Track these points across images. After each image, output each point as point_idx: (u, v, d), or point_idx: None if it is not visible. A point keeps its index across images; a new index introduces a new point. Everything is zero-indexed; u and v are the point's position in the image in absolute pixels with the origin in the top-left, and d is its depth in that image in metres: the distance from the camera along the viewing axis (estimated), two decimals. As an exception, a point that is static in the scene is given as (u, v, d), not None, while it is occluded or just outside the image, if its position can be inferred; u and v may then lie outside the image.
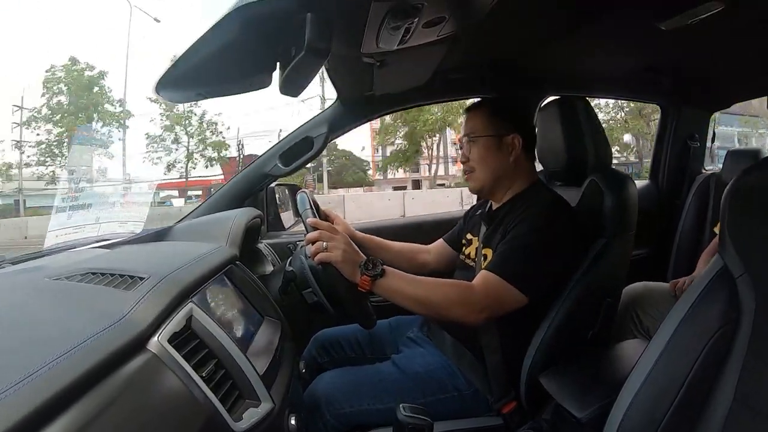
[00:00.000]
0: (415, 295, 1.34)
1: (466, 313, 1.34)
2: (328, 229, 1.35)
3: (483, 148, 1.55)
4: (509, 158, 1.54)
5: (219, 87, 1.24)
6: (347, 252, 1.32)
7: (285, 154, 2.00)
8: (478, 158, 1.56)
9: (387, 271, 1.33)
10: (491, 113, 1.57)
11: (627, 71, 2.13)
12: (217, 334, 0.93)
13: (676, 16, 1.40)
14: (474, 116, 1.59)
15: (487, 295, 1.35)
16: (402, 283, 1.35)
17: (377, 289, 1.32)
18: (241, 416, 0.88)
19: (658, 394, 0.89)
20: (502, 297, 1.35)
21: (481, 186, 1.59)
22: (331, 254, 1.31)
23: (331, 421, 1.40)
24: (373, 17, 1.07)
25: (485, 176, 1.56)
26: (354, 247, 1.35)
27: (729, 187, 0.88)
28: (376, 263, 1.33)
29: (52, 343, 0.64)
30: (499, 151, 1.54)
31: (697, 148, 2.56)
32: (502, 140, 1.54)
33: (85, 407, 0.59)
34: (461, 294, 1.36)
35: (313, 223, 1.38)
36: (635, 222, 1.57)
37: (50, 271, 1.02)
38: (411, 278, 1.37)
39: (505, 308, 1.36)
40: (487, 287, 1.36)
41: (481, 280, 1.37)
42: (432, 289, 1.36)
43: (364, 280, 1.31)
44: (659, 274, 2.32)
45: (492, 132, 1.54)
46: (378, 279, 1.32)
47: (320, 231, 1.34)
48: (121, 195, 1.81)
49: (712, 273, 0.90)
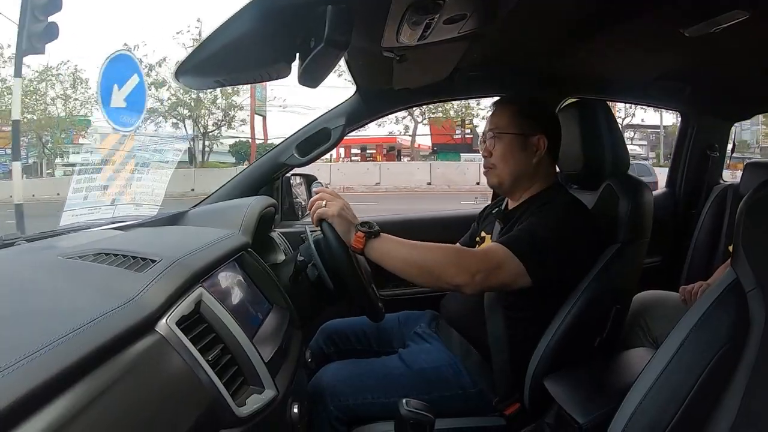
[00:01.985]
0: (407, 256, 1.33)
1: (458, 272, 1.30)
2: (330, 192, 1.37)
3: (507, 146, 1.53)
4: (532, 159, 1.53)
5: (237, 75, 1.25)
6: (344, 210, 1.32)
7: (302, 145, 2.01)
8: (501, 155, 1.53)
9: (381, 234, 1.33)
10: (519, 111, 1.54)
11: (648, 76, 2.11)
12: (225, 319, 0.94)
13: (701, 23, 1.38)
14: (502, 112, 1.57)
15: (485, 259, 1.33)
16: (395, 245, 1.34)
17: (370, 250, 1.32)
18: (244, 402, 0.89)
19: (662, 404, 0.88)
20: (502, 264, 1.32)
21: (500, 183, 1.57)
22: (328, 209, 1.31)
23: (334, 411, 1.41)
24: (393, 11, 1.07)
25: (505, 174, 1.54)
26: (352, 211, 1.35)
27: (745, 199, 0.88)
28: (372, 224, 1.33)
29: (62, 320, 0.65)
30: (523, 151, 1.52)
31: (716, 158, 2.53)
32: (527, 140, 1.52)
33: (90, 385, 0.60)
34: (456, 255, 1.35)
35: (319, 190, 1.39)
36: (650, 229, 1.56)
37: (64, 250, 1.04)
38: (405, 241, 1.35)
39: (502, 278, 1.33)
40: (486, 252, 1.35)
41: (483, 246, 1.36)
42: (426, 251, 1.34)
43: (358, 237, 1.30)
44: (671, 283, 2.30)
45: (518, 130, 1.52)
46: (372, 238, 1.31)
47: (322, 193, 1.36)
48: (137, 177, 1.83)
49: (723, 285, 0.89)
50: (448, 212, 2.47)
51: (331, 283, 1.37)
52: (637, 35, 1.55)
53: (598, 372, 1.43)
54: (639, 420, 0.90)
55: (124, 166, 1.83)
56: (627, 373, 1.40)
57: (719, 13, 1.32)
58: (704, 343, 0.87)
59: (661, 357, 0.91)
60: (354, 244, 1.31)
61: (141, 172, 1.78)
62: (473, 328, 1.49)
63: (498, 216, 1.62)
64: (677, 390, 0.87)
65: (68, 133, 24.09)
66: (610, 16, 1.41)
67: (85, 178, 1.55)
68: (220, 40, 1.00)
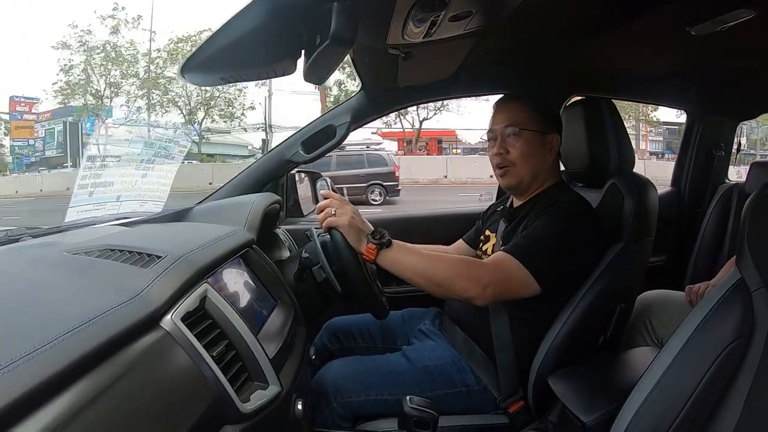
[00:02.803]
0: (419, 267, 1.33)
1: (470, 286, 1.30)
2: (338, 199, 1.36)
3: (527, 143, 1.50)
4: (549, 158, 1.52)
5: (243, 72, 1.25)
6: (354, 219, 1.32)
7: (307, 142, 2.01)
8: (521, 153, 1.50)
9: (393, 242, 1.33)
10: (536, 109, 1.53)
11: (654, 75, 2.10)
12: (229, 315, 0.94)
13: (707, 21, 1.37)
14: (517, 107, 1.54)
15: (496, 270, 1.32)
16: (407, 255, 1.34)
17: (382, 259, 1.32)
18: (248, 398, 0.89)
19: (666, 403, 0.88)
20: (512, 275, 1.32)
21: (519, 183, 1.54)
22: (339, 219, 1.31)
23: (338, 408, 1.41)
24: (399, 9, 1.07)
25: (525, 173, 1.52)
26: (362, 218, 1.35)
27: (750, 199, 0.87)
28: (383, 233, 1.32)
29: (67, 316, 0.65)
30: (542, 149, 1.52)
31: (722, 158, 2.52)
32: (545, 137, 1.52)
33: (95, 381, 0.60)
34: (467, 267, 1.34)
35: (326, 194, 1.38)
36: (654, 228, 1.55)
37: (69, 246, 1.04)
38: (417, 251, 1.36)
39: (512, 288, 1.33)
40: (497, 263, 1.34)
41: (492, 257, 1.36)
42: (437, 262, 1.34)
43: (370, 249, 1.30)
44: (676, 282, 2.30)
45: (537, 127, 1.50)
46: (383, 249, 1.31)
47: (330, 199, 1.35)
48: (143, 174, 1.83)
49: (728, 285, 0.89)
50: (451, 210, 2.47)
51: (339, 287, 1.37)
52: (643, 33, 1.55)
53: (602, 371, 1.43)
54: (642, 419, 0.90)
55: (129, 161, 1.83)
56: (631, 372, 1.40)
57: (725, 12, 1.31)
58: (709, 343, 0.86)
59: (666, 356, 0.91)
60: (366, 254, 1.31)
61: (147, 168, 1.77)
62: (477, 325, 1.49)
63: (503, 214, 1.61)
64: (681, 389, 0.87)
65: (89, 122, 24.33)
66: (616, 13, 1.41)
67: (90, 174, 1.54)
68: (225, 37, 1.00)
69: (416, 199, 14.90)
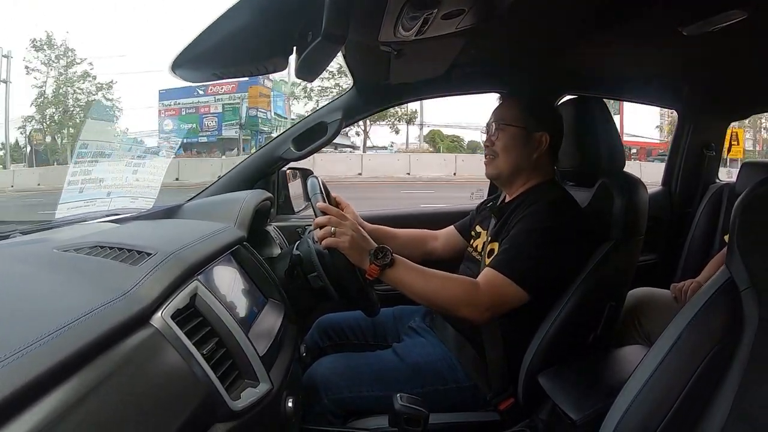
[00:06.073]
0: (422, 291, 1.35)
1: (472, 312, 1.35)
2: (336, 214, 1.35)
3: (510, 138, 1.54)
4: (533, 154, 1.54)
5: (234, 68, 1.24)
6: (355, 239, 1.31)
7: (298, 139, 2.00)
8: (503, 146, 1.55)
9: (396, 261, 1.33)
10: (525, 107, 1.57)
11: (646, 74, 2.11)
12: (220, 313, 0.94)
13: (699, 22, 1.38)
14: (508, 105, 1.61)
15: (492, 294, 1.35)
16: (410, 276, 1.35)
17: (385, 278, 1.33)
18: (239, 395, 0.89)
19: (655, 401, 0.88)
20: (505, 295, 1.36)
21: (499, 174, 1.58)
22: (339, 240, 1.30)
23: (329, 405, 1.41)
24: (391, 6, 1.06)
25: (505, 166, 1.56)
26: (363, 234, 1.35)
27: (740, 198, 0.88)
28: (386, 252, 1.32)
29: (57, 314, 0.65)
30: (525, 146, 1.54)
31: (713, 157, 2.53)
32: (530, 135, 1.53)
33: (85, 379, 0.60)
34: (468, 294, 1.36)
35: (323, 207, 1.37)
36: (644, 227, 1.56)
37: (59, 243, 1.03)
38: (420, 271, 1.36)
39: (507, 306, 1.37)
40: (491, 286, 1.36)
41: (485, 279, 1.37)
42: (440, 287, 1.36)
43: (373, 269, 1.31)
44: (666, 281, 2.30)
45: (522, 124, 1.54)
46: (387, 269, 1.32)
47: (329, 216, 1.33)
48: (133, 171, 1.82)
49: (717, 284, 0.89)
50: (440, 208, 2.48)
51: (336, 294, 1.38)
52: (635, 33, 1.56)
53: (591, 368, 1.44)
54: (632, 417, 0.90)
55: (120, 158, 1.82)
56: (621, 370, 1.41)
57: (717, 12, 1.32)
58: (698, 342, 0.87)
59: (655, 354, 0.91)
60: (369, 273, 1.32)
61: (137, 164, 1.76)
62: (468, 322, 1.49)
63: (492, 210, 1.62)
64: (670, 387, 0.87)
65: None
66: (608, 13, 1.41)
67: (81, 170, 1.53)
68: (216, 33, 0.99)
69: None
